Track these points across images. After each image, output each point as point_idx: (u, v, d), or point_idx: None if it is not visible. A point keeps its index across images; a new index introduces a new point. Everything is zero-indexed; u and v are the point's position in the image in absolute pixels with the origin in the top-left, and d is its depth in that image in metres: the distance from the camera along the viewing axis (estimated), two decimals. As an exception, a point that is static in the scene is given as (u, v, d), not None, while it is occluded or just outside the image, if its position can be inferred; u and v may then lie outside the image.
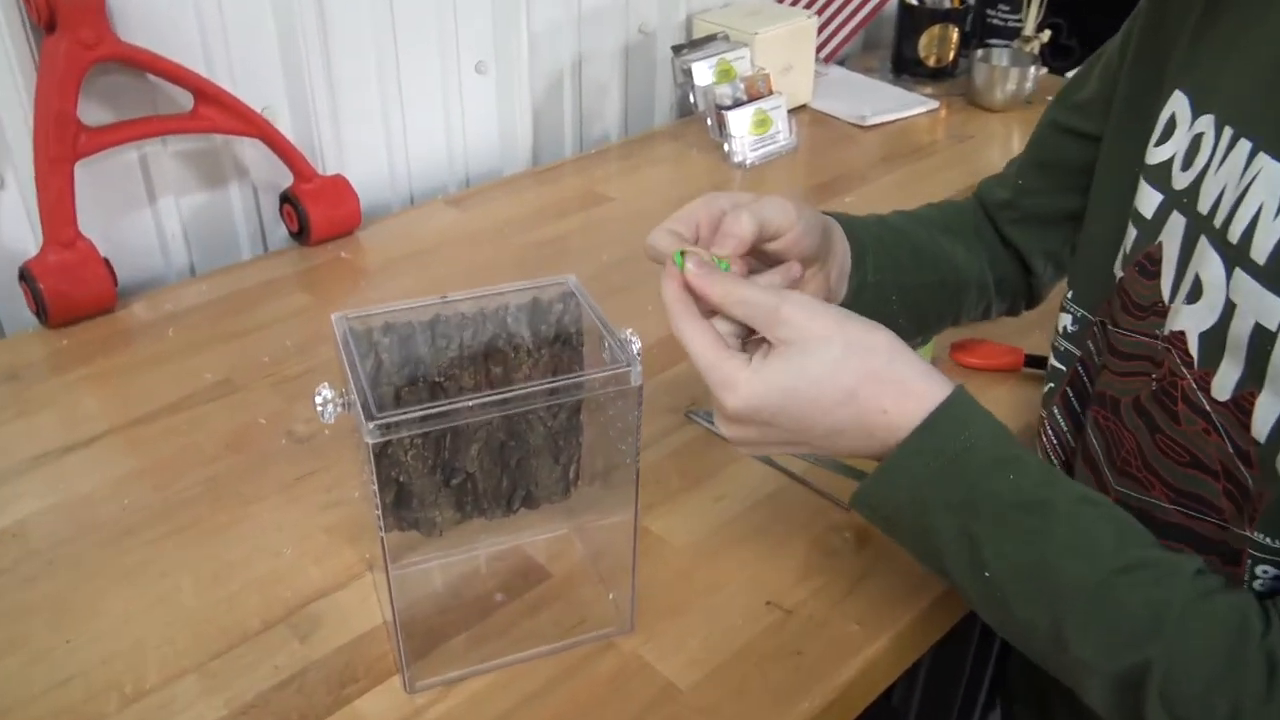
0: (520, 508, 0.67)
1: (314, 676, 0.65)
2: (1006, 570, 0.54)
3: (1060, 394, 0.75)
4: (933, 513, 0.55)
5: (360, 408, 0.54)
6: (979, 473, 0.55)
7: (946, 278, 0.80)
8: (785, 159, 1.39)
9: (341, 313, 0.61)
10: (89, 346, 0.96)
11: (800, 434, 0.56)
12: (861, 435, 0.56)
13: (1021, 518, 0.54)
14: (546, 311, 0.63)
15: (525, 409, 0.57)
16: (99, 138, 0.97)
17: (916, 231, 0.79)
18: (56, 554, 0.73)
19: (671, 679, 0.65)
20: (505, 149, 1.37)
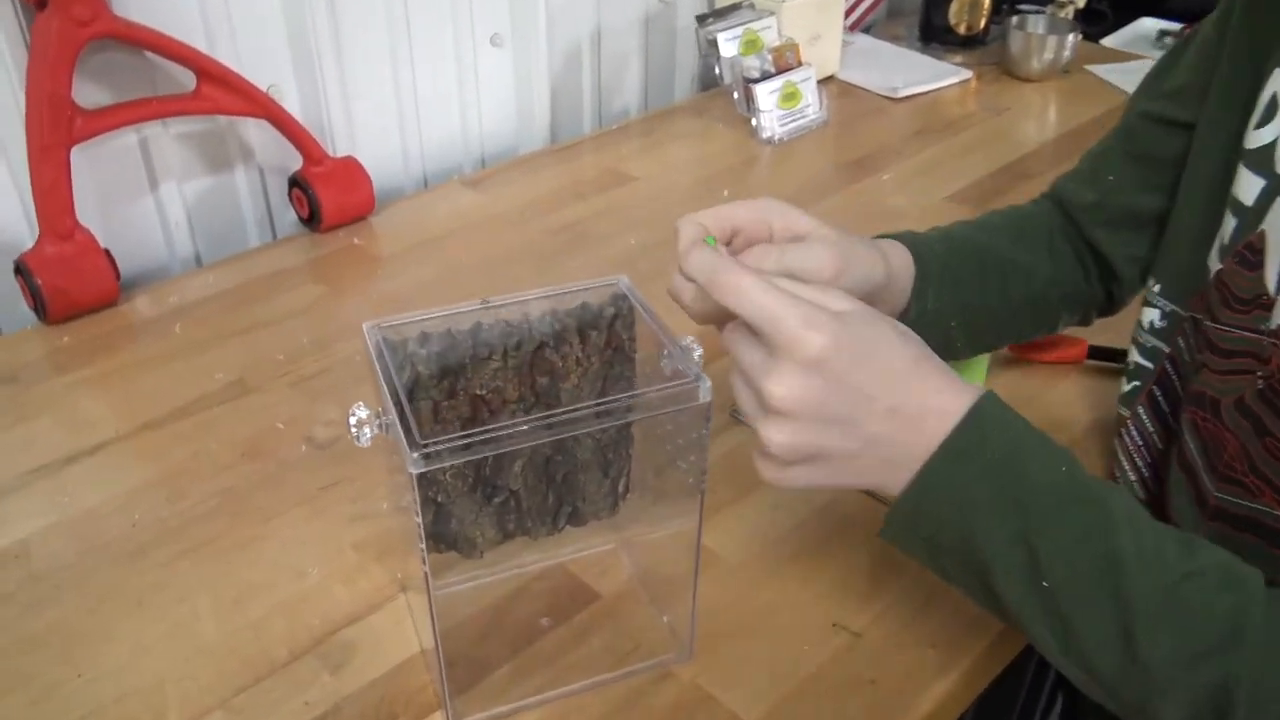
0: (566, 525, 0.62)
1: (348, 713, 0.59)
2: (1068, 575, 0.49)
3: (1146, 393, 0.70)
4: (982, 520, 0.50)
5: (402, 434, 0.48)
6: (1030, 467, 0.50)
7: (1013, 296, 0.73)
8: (815, 134, 1.33)
9: (373, 321, 0.55)
10: (91, 344, 0.91)
11: (862, 411, 0.49)
12: (912, 423, 0.50)
13: (1081, 513, 0.49)
14: (597, 316, 0.57)
15: (577, 430, 0.52)
16: (96, 121, 0.90)
17: (985, 249, 0.73)
18: (63, 577, 0.68)
19: (736, 712, 0.60)
20: (522, 126, 1.31)
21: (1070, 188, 0.78)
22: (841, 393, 0.48)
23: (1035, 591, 0.49)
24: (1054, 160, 1.26)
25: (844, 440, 0.49)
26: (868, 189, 1.19)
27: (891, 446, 0.50)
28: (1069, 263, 0.76)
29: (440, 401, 0.55)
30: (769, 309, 0.48)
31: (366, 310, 0.96)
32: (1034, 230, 0.76)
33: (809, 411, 0.48)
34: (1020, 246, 0.74)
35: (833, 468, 0.50)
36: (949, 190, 1.18)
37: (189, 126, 1.02)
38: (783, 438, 0.49)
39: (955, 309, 0.70)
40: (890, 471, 0.51)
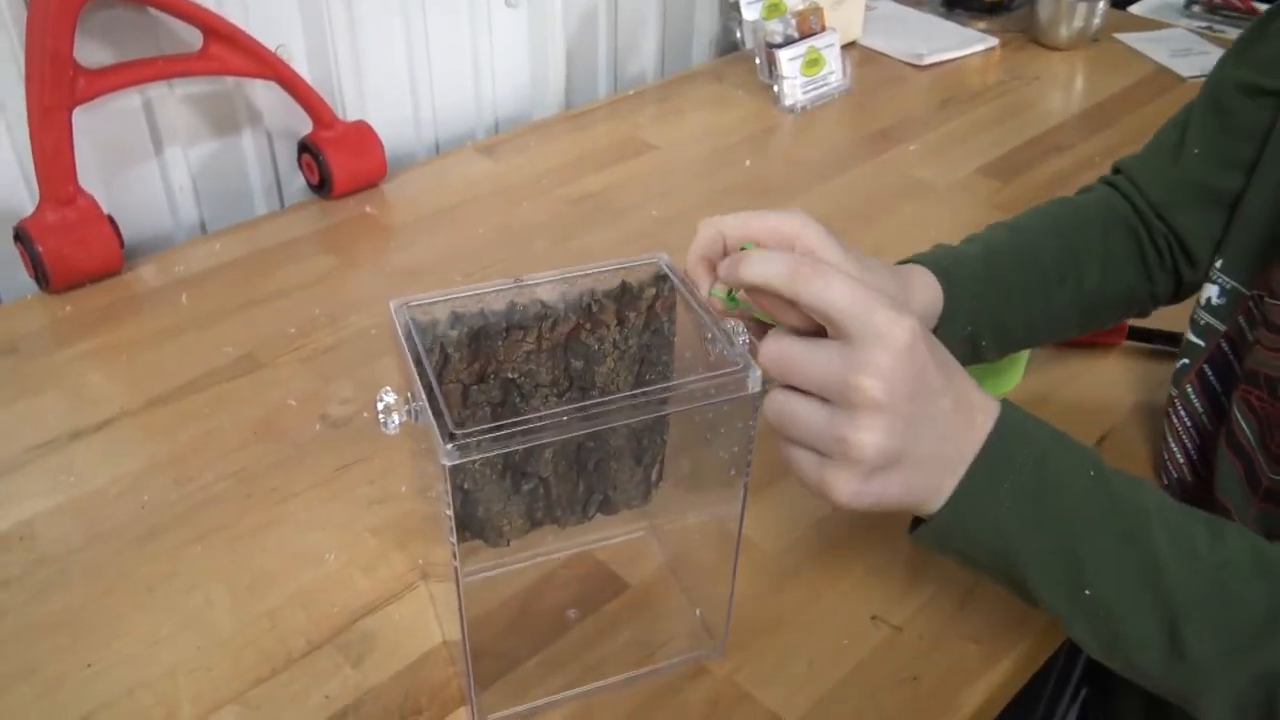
0: (596, 514, 0.59)
1: (371, 709, 0.57)
2: (1112, 583, 0.48)
3: (1196, 371, 0.67)
4: (1020, 538, 0.48)
5: (435, 424, 0.45)
6: (1063, 479, 0.48)
7: (1057, 305, 0.70)
8: (838, 102, 1.29)
9: (401, 300, 0.52)
10: (94, 315, 0.87)
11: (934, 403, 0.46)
12: (965, 419, 0.47)
13: (1117, 518, 0.48)
14: (636, 298, 0.54)
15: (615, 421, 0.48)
16: (98, 81, 0.86)
17: (1028, 262, 0.69)
18: (70, 562, 0.65)
19: (775, 710, 0.57)
20: (536, 90, 1.26)
21: (1142, 168, 0.73)
22: (924, 383, 0.45)
23: (1077, 599, 0.49)
24: (1085, 132, 1.22)
25: (920, 436, 0.46)
26: (893, 160, 1.16)
27: (951, 443, 0.48)
28: (1126, 259, 0.72)
29: (470, 385, 0.52)
30: (859, 296, 0.44)
31: (380, 282, 0.92)
32: (1087, 229, 0.71)
33: (902, 404, 0.45)
34: (1069, 252, 0.70)
35: (905, 476, 0.47)
36: (977, 163, 1.15)
37: (195, 88, 0.98)
38: (877, 437, 0.45)
39: (990, 329, 0.67)
40: (943, 475, 0.48)
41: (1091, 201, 0.74)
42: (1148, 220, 0.71)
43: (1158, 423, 0.76)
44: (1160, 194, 0.71)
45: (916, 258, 0.66)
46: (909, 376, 0.44)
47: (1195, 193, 0.70)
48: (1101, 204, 0.73)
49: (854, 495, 0.46)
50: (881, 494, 0.47)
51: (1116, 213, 0.72)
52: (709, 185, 1.10)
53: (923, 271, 0.64)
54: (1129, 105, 1.29)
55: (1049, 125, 1.24)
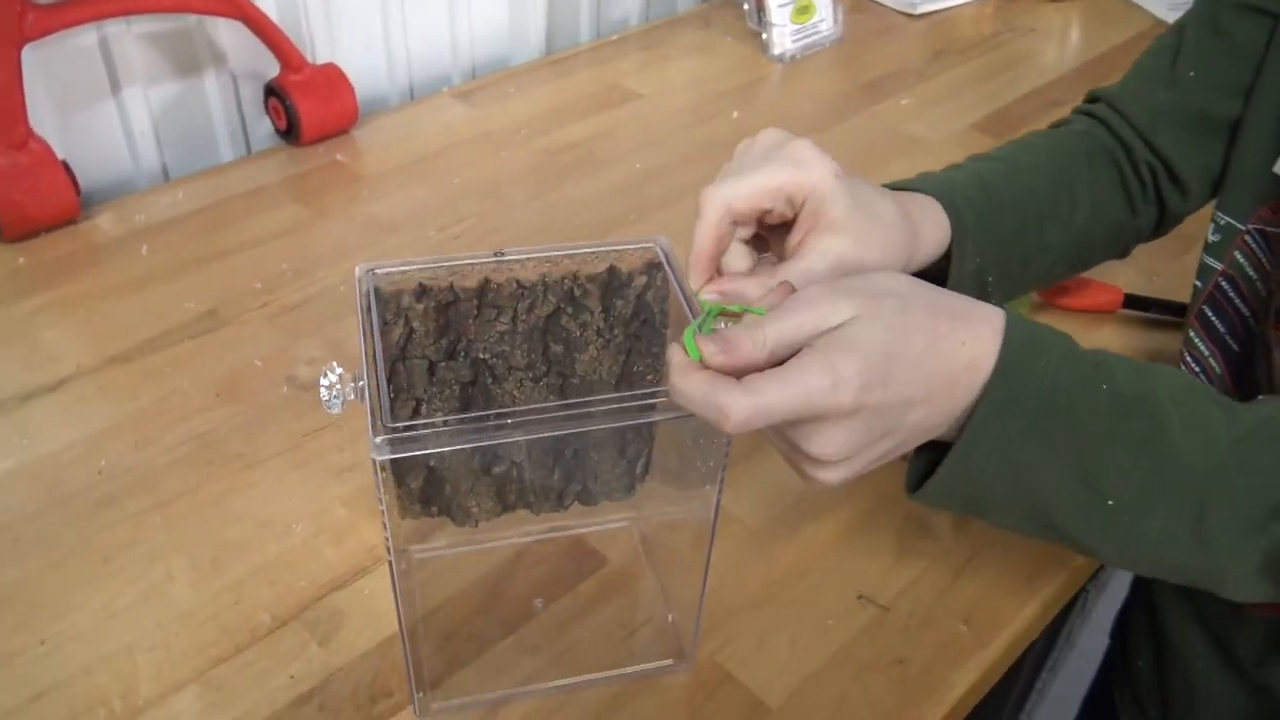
0: (574, 503, 0.56)
1: (338, 690, 0.55)
2: (1132, 488, 0.46)
3: (1197, 314, 0.66)
4: (1035, 467, 0.46)
5: (370, 413, 0.42)
6: (1073, 398, 0.46)
7: (1052, 243, 0.67)
8: (828, 52, 1.24)
9: (367, 265, 0.48)
10: (50, 266, 0.83)
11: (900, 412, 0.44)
12: (950, 388, 0.45)
13: (1131, 426, 0.46)
14: (625, 285, 0.50)
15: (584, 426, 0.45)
16: (50, 17, 0.81)
17: (1023, 195, 0.66)
18: (23, 530, 0.62)
19: (756, 693, 0.56)
20: (515, 33, 1.21)
21: (1126, 94, 0.70)
22: (882, 416, 0.43)
23: (1100, 513, 0.47)
24: (1082, 86, 1.17)
25: (894, 440, 0.45)
26: (885, 113, 1.12)
27: (938, 418, 0.46)
28: (1111, 191, 0.69)
29: (436, 362, 0.49)
30: (793, 404, 0.41)
31: (351, 235, 0.89)
32: (1072, 160, 0.68)
33: (856, 448, 0.44)
34: (1060, 184, 0.67)
35: (886, 457, 0.46)
36: (972, 118, 1.11)
37: (155, 25, 0.92)
38: (837, 476, 0.45)
39: (995, 265, 0.64)
40: (933, 433, 0.47)
41: (1073, 133, 0.71)
42: (1131, 148, 0.69)
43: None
44: (1147, 119, 0.68)
45: (918, 184, 0.62)
46: (860, 428, 0.43)
47: (1189, 118, 0.67)
48: (1083, 135, 0.70)
49: (841, 482, 0.45)
50: (860, 474, 0.46)
51: (1096, 144, 0.69)
52: (694, 137, 1.06)
53: (931, 205, 0.60)
54: (1127, 58, 1.23)
55: (1045, 79, 1.20)
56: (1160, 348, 0.81)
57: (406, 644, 0.50)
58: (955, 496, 0.48)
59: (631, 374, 0.52)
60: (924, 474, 0.48)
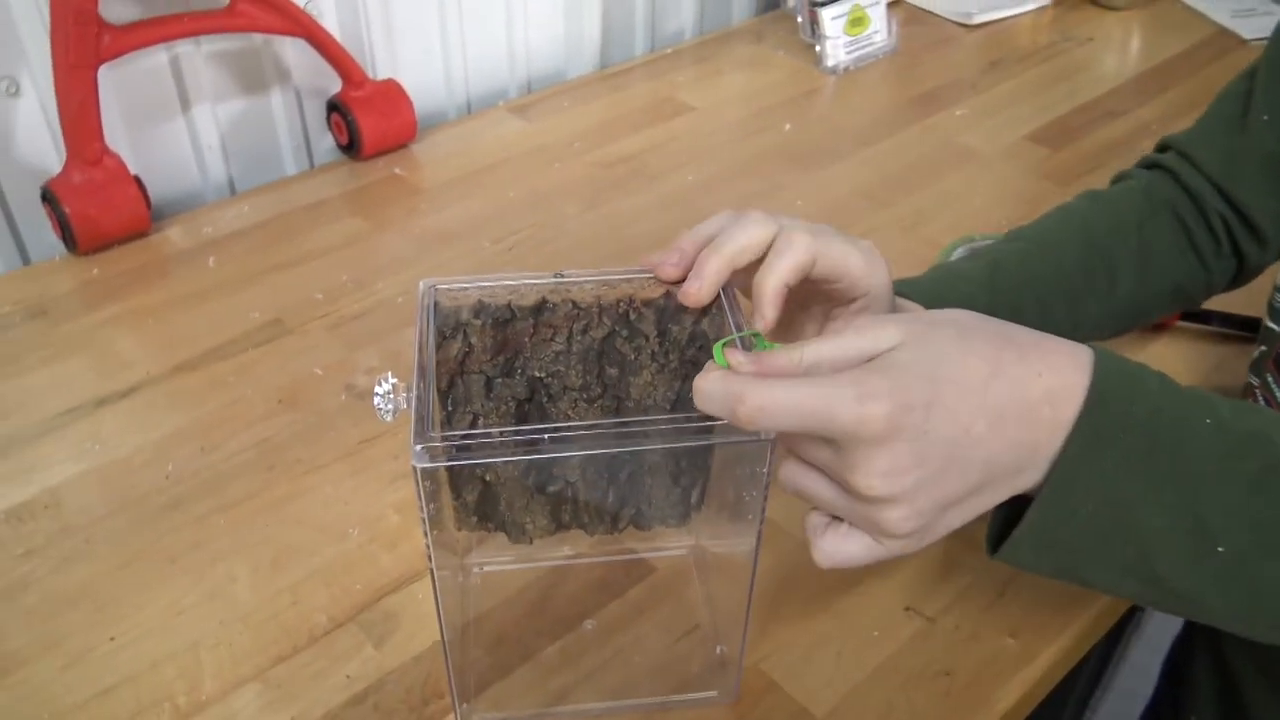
0: (628, 527, 0.56)
1: (392, 691, 0.56)
2: (1246, 532, 0.42)
3: (1274, 359, 0.64)
4: (1137, 507, 0.43)
5: (414, 421, 0.43)
6: (1179, 431, 0.43)
7: (1086, 315, 0.64)
8: (882, 63, 1.24)
9: (431, 280, 0.50)
10: (122, 278, 0.86)
11: (963, 444, 0.41)
12: (1025, 420, 0.42)
13: (1242, 464, 0.43)
14: (681, 312, 0.51)
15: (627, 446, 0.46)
16: (124, 38, 0.85)
17: (1051, 268, 0.64)
18: (94, 531, 0.65)
19: (802, 702, 0.56)
20: (571, 47, 1.23)
21: (1197, 142, 0.68)
22: (932, 442, 0.41)
23: (1210, 560, 0.43)
24: (1141, 97, 1.17)
25: (963, 479, 0.42)
26: (939, 125, 1.12)
27: (1014, 454, 0.43)
28: (1170, 254, 0.66)
29: (494, 377, 0.50)
30: (812, 406, 0.40)
31: (409, 247, 0.91)
32: (1119, 230, 0.66)
33: (910, 480, 0.41)
34: (1096, 259, 0.65)
35: (965, 506, 0.43)
36: (1027, 129, 1.11)
37: (223, 45, 0.96)
38: (900, 516, 0.42)
39: None
40: (1020, 476, 0.43)
41: (1124, 193, 0.68)
42: (1202, 201, 0.66)
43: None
44: (1220, 168, 0.66)
45: (908, 285, 0.60)
46: (904, 453, 0.40)
47: (1263, 163, 0.65)
48: (1136, 195, 0.68)
49: (922, 544, 0.44)
50: (951, 526, 0.44)
51: (1156, 201, 0.67)
52: (746, 150, 1.06)
53: (909, 305, 0.58)
54: (1188, 68, 1.24)
55: (1103, 89, 1.19)
56: (1222, 361, 0.79)
57: (448, 654, 0.51)
58: (1047, 548, 0.45)
59: (687, 401, 0.52)
60: (1006, 526, 0.45)
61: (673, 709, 0.56)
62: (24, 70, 0.85)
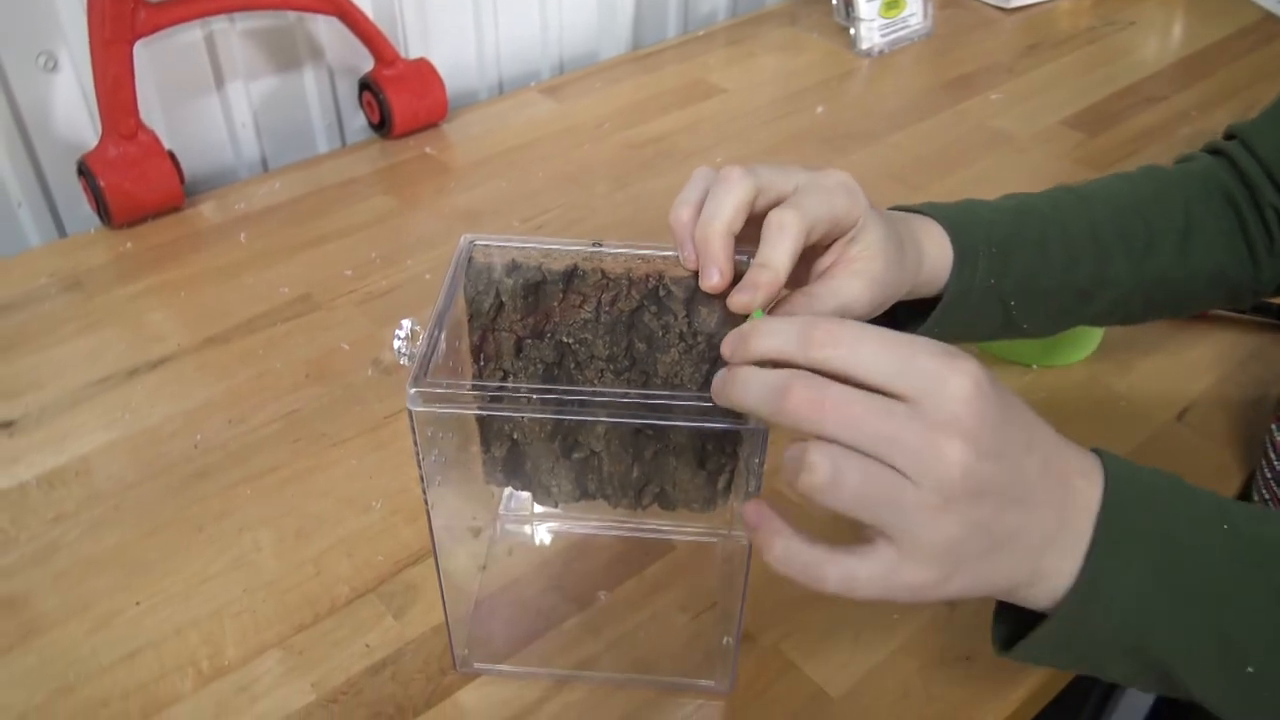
0: (653, 504, 0.56)
1: (410, 660, 0.57)
2: (1277, 651, 0.40)
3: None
4: (1162, 624, 0.40)
5: (416, 364, 0.44)
6: (1194, 539, 0.41)
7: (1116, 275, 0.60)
8: (918, 47, 1.23)
9: (472, 236, 0.51)
10: (155, 251, 0.88)
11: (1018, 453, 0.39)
12: (1061, 485, 0.40)
13: (1263, 573, 0.41)
14: (711, 296, 0.50)
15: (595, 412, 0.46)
16: (160, 14, 0.85)
17: (1087, 219, 0.61)
18: (124, 498, 0.66)
19: (819, 683, 0.56)
20: (604, 28, 1.23)
21: (1263, 132, 0.64)
22: (1004, 437, 0.38)
23: (1239, 681, 0.41)
24: (1181, 83, 1.15)
25: (1012, 485, 0.38)
26: (973, 109, 1.10)
27: (1050, 513, 0.40)
28: (1218, 237, 0.62)
29: (524, 338, 0.50)
30: (897, 347, 0.37)
31: (437, 225, 0.91)
32: (1165, 199, 0.63)
33: (985, 430, 0.37)
34: (1136, 220, 0.61)
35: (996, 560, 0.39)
36: (1063, 113, 1.09)
37: (256, 22, 0.97)
38: (959, 452, 0.37)
39: (1022, 291, 0.58)
40: (1043, 553, 0.40)
41: (1180, 171, 0.65)
42: (1260, 193, 0.62)
43: (1240, 399, 0.73)
44: (1278, 157, 0.62)
45: (934, 209, 0.58)
46: (991, 401, 0.37)
47: None
48: (1195, 175, 0.64)
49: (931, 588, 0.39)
50: (967, 586, 0.39)
51: (1213, 184, 0.63)
52: (777, 132, 1.06)
53: (931, 226, 0.56)
54: (1230, 54, 1.22)
55: (1142, 74, 1.17)
56: (1255, 351, 0.78)
57: (445, 596, 0.52)
58: (1064, 650, 0.42)
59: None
60: (1013, 629, 0.44)
61: (673, 691, 0.56)
62: (61, 45, 0.86)
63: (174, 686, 0.55)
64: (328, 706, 0.55)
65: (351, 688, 0.55)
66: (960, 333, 0.59)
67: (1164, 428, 0.71)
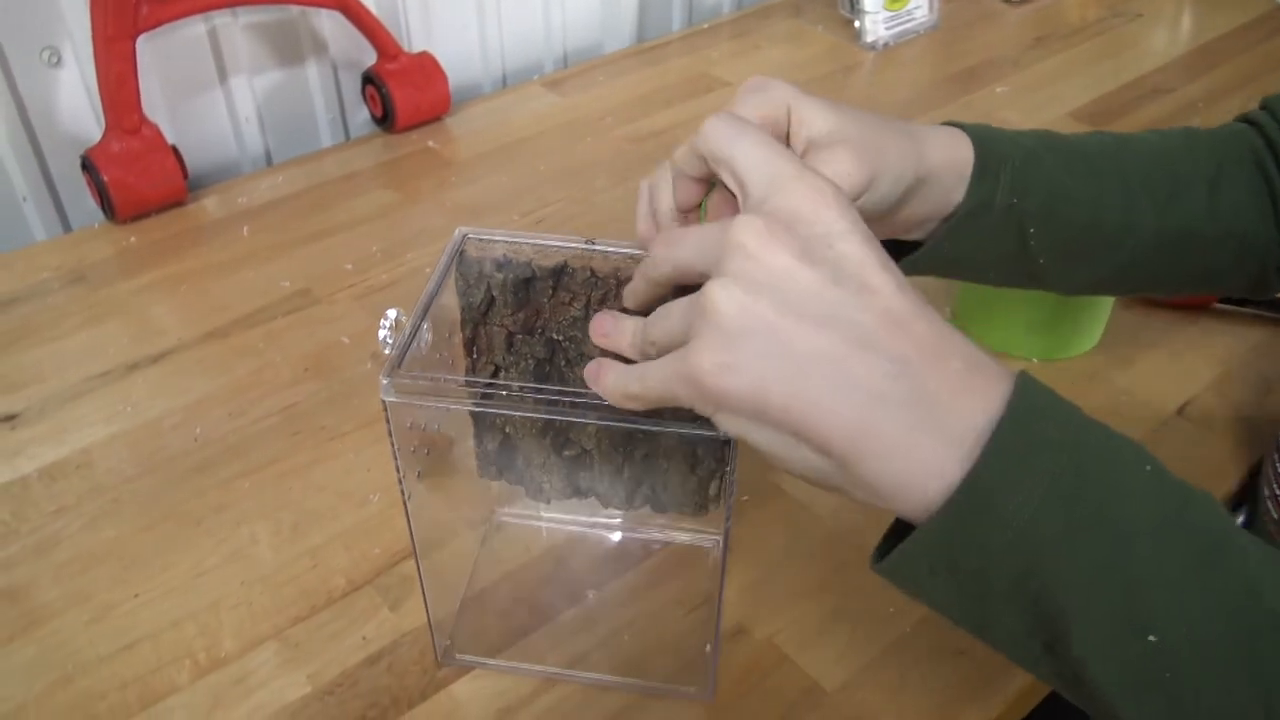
0: (644, 505, 0.56)
1: (406, 653, 0.57)
2: (1191, 622, 0.34)
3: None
4: (1060, 551, 0.34)
5: (393, 355, 0.44)
6: (1114, 475, 0.35)
7: (1139, 220, 0.56)
8: (923, 39, 1.22)
9: (466, 229, 0.51)
10: (158, 245, 0.88)
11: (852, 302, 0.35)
12: (913, 360, 0.35)
13: (1194, 540, 0.35)
14: None
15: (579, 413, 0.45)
16: (162, 9, 0.86)
17: (1116, 157, 0.57)
18: (123, 491, 0.66)
19: (814, 676, 0.56)
20: (608, 20, 1.23)
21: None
22: (850, 253, 0.36)
23: (1139, 651, 0.34)
24: (1189, 75, 1.14)
25: (825, 304, 0.35)
26: (978, 101, 1.10)
27: (895, 369, 0.35)
28: (1245, 200, 0.58)
29: (515, 333, 0.51)
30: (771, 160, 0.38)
31: (439, 219, 0.91)
32: (1195, 154, 0.59)
33: (817, 241, 0.36)
34: (1166, 166, 0.58)
35: (790, 347, 0.35)
36: (1070, 106, 1.08)
37: (259, 16, 0.97)
38: (754, 238, 0.36)
39: (1043, 216, 0.54)
40: (879, 415, 0.35)
41: (1215, 133, 0.61)
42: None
43: (1242, 394, 0.72)
44: None
45: (959, 123, 0.55)
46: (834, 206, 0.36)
47: None
48: (1227, 137, 0.60)
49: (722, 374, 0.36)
50: (783, 404, 0.35)
51: (1244, 147, 0.59)
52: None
53: (956, 134, 0.53)
54: (1240, 46, 1.21)
55: (1150, 67, 1.16)
56: (1258, 345, 0.77)
57: (423, 580, 0.52)
58: (947, 572, 0.37)
59: None
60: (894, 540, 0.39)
61: (655, 696, 0.55)
62: (65, 41, 0.87)
63: (171, 678, 0.56)
64: (324, 698, 0.55)
65: (347, 679, 0.56)
66: (971, 255, 0.56)
67: (1166, 422, 0.71)
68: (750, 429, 0.38)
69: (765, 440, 0.38)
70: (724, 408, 0.37)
